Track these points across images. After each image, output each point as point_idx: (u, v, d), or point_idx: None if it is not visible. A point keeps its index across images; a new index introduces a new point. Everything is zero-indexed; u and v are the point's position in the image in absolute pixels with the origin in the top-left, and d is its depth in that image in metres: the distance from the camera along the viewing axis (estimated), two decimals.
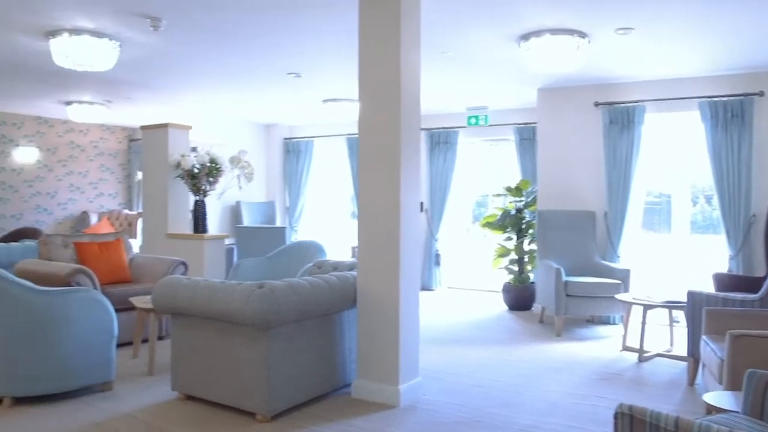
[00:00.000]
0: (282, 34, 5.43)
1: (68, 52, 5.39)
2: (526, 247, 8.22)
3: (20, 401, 4.13)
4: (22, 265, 5.69)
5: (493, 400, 4.39)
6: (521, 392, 4.58)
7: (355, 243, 4.53)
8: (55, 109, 9.57)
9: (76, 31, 5.28)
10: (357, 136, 4.48)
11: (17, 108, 9.62)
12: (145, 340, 5.61)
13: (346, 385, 4.49)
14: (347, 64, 6.19)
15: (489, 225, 8.41)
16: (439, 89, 7.71)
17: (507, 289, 8.04)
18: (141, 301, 5.11)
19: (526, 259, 8.18)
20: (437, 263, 9.48)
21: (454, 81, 7.29)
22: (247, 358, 3.86)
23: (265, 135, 11.34)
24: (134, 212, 10.87)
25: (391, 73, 4.23)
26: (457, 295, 9.10)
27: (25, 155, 10.24)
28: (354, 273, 4.51)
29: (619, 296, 5.93)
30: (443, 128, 9.40)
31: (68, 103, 8.90)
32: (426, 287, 9.40)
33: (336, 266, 5.14)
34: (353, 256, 8.87)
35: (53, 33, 5.32)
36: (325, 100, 8.62)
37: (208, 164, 6.88)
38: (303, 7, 4.69)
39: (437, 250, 9.46)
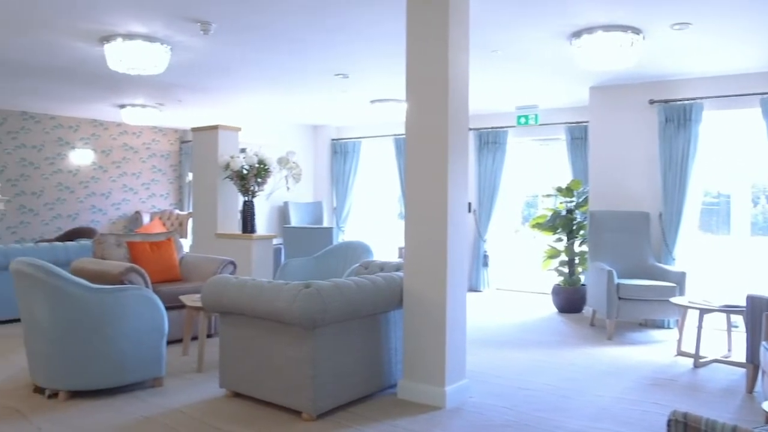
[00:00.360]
0: (330, 35, 5.45)
1: (122, 56, 5.54)
2: (576, 248, 8.06)
3: (75, 395, 4.25)
4: (78, 264, 5.85)
5: (541, 403, 4.31)
6: (570, 396, 4.48)
7: (402, 243, 4.50)
8: (110, 112, 9.85)
9: (129, 36, 5.42)
10: (404, 136, 4.46)
11: (74, 111, 9.95)
12: (194, 338, 5.70)
13: (392, 386, 4.47)
14: (395, 64, 6.17)
15: (539, 226, 8.28)
16: (489, 88, 7.62)
17: (557, 291, 7.90)
18: (191, 300, 5.19)
19: (576, 261, 8.03)
20: (485, 264, 9.38)
21: (503, 80, 7.19)
22: (293, 357, 3.88)
23: (312, 136, 11.43)
24: (185, 212, 11.10)
25: (439, 73, 4.18)
26: (505, 296, 8.99)
27: (81, 157, 10.59)
28: (400, 273, 4.49)
29: (674, 300, 5.75)
30: (492, 128, 9.30)
31: (122, 106, 9.15)
32: (474, 288, 9.32)
33: (383, 267, 5.13)
34: (400, 257, 8.86)
35: (107, 38, 5.47)
36: (373, 101, 8.63)
37: (257, 165, 6.95)
38: (351, 8, 4.70)
39: (485, 251, 9.36)
